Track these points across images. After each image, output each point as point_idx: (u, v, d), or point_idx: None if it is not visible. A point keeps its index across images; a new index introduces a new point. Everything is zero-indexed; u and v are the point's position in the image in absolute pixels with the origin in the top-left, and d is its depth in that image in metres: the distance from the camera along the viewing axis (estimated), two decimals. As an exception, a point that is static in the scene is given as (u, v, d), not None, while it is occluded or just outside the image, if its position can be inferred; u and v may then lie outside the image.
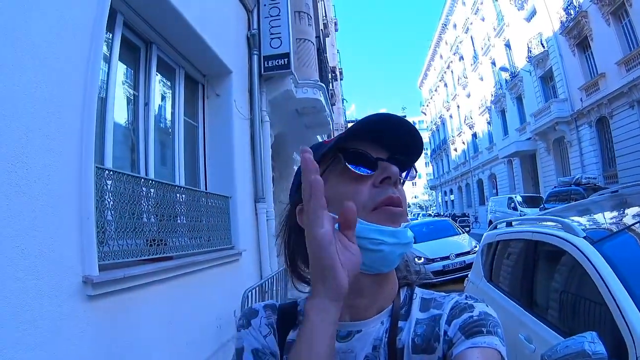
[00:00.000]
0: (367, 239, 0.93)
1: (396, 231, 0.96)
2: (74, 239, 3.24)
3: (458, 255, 13.47)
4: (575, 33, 26.91)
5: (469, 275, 5.54)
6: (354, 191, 0.97)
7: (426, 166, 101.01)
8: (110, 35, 4.63)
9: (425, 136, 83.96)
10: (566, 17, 27.34)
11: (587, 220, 3.74)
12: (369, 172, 0.99)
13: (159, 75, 5.91)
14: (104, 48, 4.29)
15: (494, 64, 41.56)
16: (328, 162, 1.03)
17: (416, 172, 1.12)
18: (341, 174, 1.00)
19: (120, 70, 4.96)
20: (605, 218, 3.75)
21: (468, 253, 13.40)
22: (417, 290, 1.14)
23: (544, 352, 2.19)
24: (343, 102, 34.35)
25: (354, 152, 0.99)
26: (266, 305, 1.19)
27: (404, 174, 1.06)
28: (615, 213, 3.89)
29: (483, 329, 0.94)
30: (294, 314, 1.15)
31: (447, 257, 13.41)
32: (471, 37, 47.00)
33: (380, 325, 1.03)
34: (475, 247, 13.38)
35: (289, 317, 1.14)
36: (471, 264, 12.19)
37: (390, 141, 1.02)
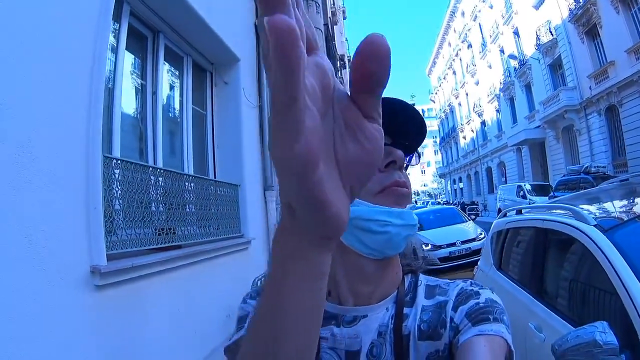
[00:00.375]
0: (372, 220, 0.93)
1: (402, 212, 0.96)
2: (81, 229, 3.25)
3: (464, 242, 13.80)
4: (584, 21, 26.72)
5: (478, 263, 5.52)
6: None
7: (435, 154, 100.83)
8: (117, 25, 4.61)
9: (434, 124, 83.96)
10: (575, 5, 27.16)
11: (597, 209, 3.71)
12: None
13: (166, 64, 5.90)
14: (111, 38, 4.30)
15: (502, 51, 41.35)
16: None
17: (419, 157, 1.12)
18: None
19: (127, 59, 4.95)
20: (616, 207, 3.73)
21: (473, 240, 13.81)
22: (422, 277, 1.14)
23: (554, 341, 2.17)
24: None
25: None
26: None
27: (406, 159, 1.06)
28: (625, 202, 3.87)
29: (490, 316, 0.94)
30: None
31: (453, 244, 13.74)
32: (479, 25, 46.75)
33: (385, 312, 1.02)
34: (481, 234, 13.98)
35: None
36: (477, 250, 13.01)
37: (393, 126, 1.00)
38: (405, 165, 1.05)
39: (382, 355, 0.98)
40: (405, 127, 1.03)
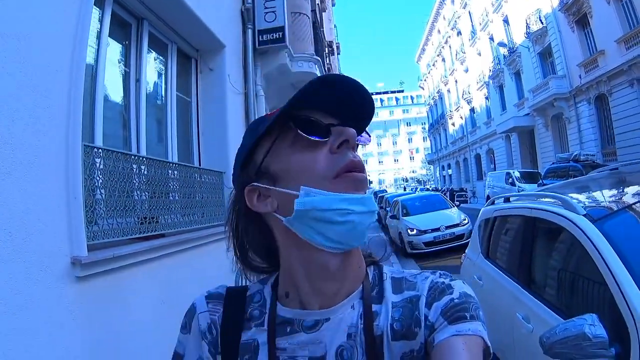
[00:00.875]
0: (333, 210, 0.86)
1: (364, 198, 0.89)
2: (62, 220, 3.18)
3: (448, 227, 14.76)
4: (575, 10, 26.76)
5: (466, 251, 5.50)
6: (311, 160, 0.90)
7: (424, 141, 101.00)
8: (100, 12, 4.54)
9: (423, 111, 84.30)
10: (565, -6, 27.18)
11: (587, 198, 3.70)
12: (323, 138, 0.92)
13: (151, 51, 5.83)
14: (94, 24, 4.23)
15: (492, 39, 41.41)
16: (276, 133, 0.96)
17: (369, 136, 1.07)
18: (292, 144, 0.93)
19: (110, 47, 4.87)
20: (605, 196, 3.72)
21: (457, 225, 14.85)
22: (386, 269, 1.07)
23: (542, 334, 2.14)
24: (340, 77, 34.29)
25: (304, 120, 0.93)
26: (210, 296, 1.13)
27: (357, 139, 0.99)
28: (614, 191, 3.87)
29: (466, 314, 0.90)
30: (243, 304, 1.07)
31: (438, 229, 14.63)
32: (469, 12, 46.77)
33: (351, 310, 0.95)
34: (464, 219, 15.05)
35: (237, 309, 1.07)
36: (460, 235, 14.15)
37: (342, 107, 0.95)
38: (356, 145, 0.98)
39: (353, 359, 0.91)
40: (354, 107, 0.96)
